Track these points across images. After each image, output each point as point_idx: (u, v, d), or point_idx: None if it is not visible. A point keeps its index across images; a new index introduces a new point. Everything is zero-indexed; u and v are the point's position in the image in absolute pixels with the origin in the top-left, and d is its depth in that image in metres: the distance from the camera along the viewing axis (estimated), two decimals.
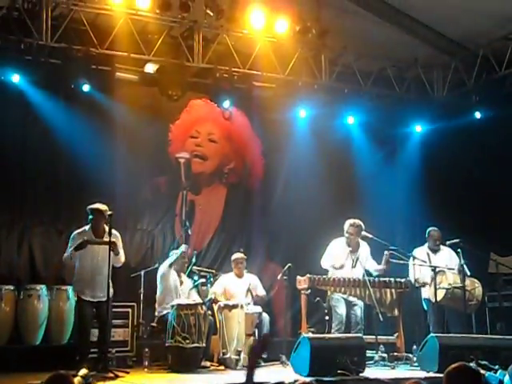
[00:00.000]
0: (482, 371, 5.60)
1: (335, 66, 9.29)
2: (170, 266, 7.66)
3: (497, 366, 5.92)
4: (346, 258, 7.96)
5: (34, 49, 7.62)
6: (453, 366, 3.14)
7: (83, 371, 5.88)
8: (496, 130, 9.02)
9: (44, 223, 8.35)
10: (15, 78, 7.90)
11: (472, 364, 5.73)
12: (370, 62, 9.36)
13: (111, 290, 6.70)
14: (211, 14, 8.02)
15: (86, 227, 6.91)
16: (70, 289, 7.71)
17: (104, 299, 6.61)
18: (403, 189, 10.00)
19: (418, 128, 10.11)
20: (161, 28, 8.18)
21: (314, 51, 8.96)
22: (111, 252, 6.63)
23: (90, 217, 6.88)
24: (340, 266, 7.91)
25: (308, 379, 3.29)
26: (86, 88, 8.10)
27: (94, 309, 6.80)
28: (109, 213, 6.77)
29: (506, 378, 3.79)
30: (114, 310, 7.27)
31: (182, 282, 7.76)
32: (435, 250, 8.14)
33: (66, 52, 7.68)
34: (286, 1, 8.26)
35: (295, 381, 3.30)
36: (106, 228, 6.83)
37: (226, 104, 9.09)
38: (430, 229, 8.22)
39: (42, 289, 7.64)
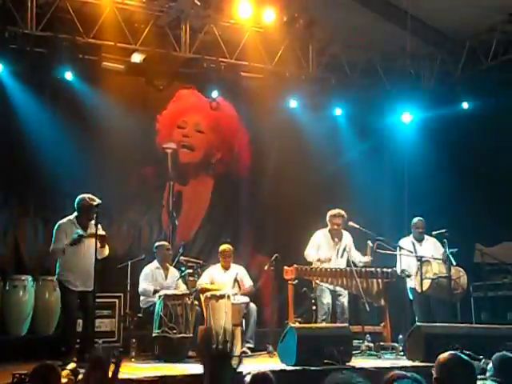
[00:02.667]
0: None
1: (322, 56, 9.29)
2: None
3: (481, 356, 5.97)
4: (329, 248, 8.00)
5: (18, 38, 7.54)
6: (445, 355, 3.12)
7: (72, 365, 5.85)
8: (483, 120, 9.07)
9: (29, 213, 8.30)
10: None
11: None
12: (358, 52, 9.36)
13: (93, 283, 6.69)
14: (198, 3, 7.99)
15: (71, 217, 6.80)
16: (55, 279, 7.68)
17: (89, 289, 6.60)
18: (390, 179, 10.05)
19: (406, 118, 10.13)
20: (148, 17, 8.14)
21: (302, 42, 8.95)
22: (98, 244, 6.61)
23: (78, 207, 6.78)
24: (326, 260, 7.93)
25: (265, 370, 3.27)
26: (71, 77, 8.03)
27: (78, 299, 6.76)
28: (96, 202, 6.70)
29: (489, 366, 3.82)
30: (100, 300, 7.29)
31: (166, 276, 7.72)
32: (420, 240, 8.19)
33: (52, 41, 7.62)
34: None
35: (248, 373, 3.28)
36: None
37: (214, 94, 9.05)
38: (414, 219, 8.27)
39: (28, 279, 7.62)
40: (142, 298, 7.68)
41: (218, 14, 8.22)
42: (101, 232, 6.71)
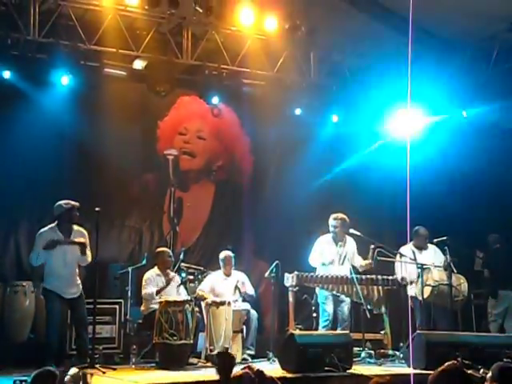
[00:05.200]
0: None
1: (324, 63, 9.31)
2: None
3: (480, 366, 5.96)
4: (332, 253, 8.00)
5: (21, 44, 7.58)
6: (444, 367, 3.11)
7: (73, 370, 5.84)
8: (484, 126, 9.08)
9: (30, 220, 8.30)
10: (5, 74, 7.77)
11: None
12: (358, 59, 9.37)
13: (80, 286, 6.77)
14: (200, 10, 8.03)
15: (53, 225, 6.80)
16: None
17: (76, 296, 6.67)
18: (390, 187, 10.03)
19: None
20: (149, 24, 8.17)
21: (303, 49, 8.98)
22: (78, 252, 6.68)
23: (56, 214, 6.78)
24: (330, 262, 7.93)
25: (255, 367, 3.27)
26: (72, 83, 8.04)
27: (68, 307, 6.79)
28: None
29: (489, 376, 3.81)
30: (101, 306, 7.28)
31: (168, 282, 7.71)
32: (421, 248, 8.19)
33: (54, 47, 7.64)
34: None
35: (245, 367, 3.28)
36: (75, 226, 6.82)
37: (215, 101, 9.06)
38: (418, 227, 8.25)
39: (29, 285, 7.61)
40: (143, 303, 7.67)
41: (219, 21, 8.25)
42: (81, 239, 6.75)
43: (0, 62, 7.71)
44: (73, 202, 6.76)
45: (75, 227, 6.84)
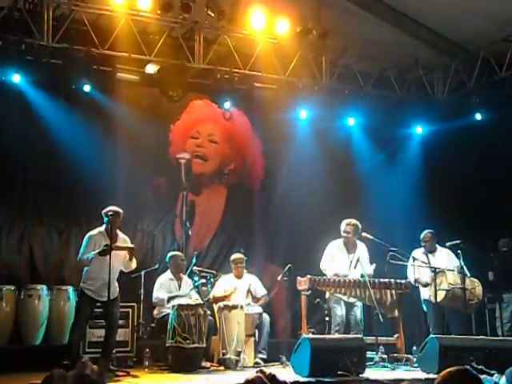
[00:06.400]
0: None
1: (336, 67, 9.31)
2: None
3: (493, 371, 5.91)
4: (343, 259, 7.97)
5: (35, 49, 7.63)
6: (451, 369, 3.10)
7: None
8: (496, 131, 9.03)
9: (44, 223, 8.36)
10: (16, 78, 7.87)
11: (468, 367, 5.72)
12: (371, 63, 9.37)
13: (117, 289, 6.84)
14: (212, 15, 8.03)
15: (101, 228, 6.88)
16: (70, 289, 7.75)
17: (113, 298, 6.72)
18: (404, 190, 10.00)
19: (419, 129, 10.11)
20: (162, 29, 8.19)
21: (315, 52, 8.97)
22: (126, 257, 6.79)
23: (106, 219, 6.82)
24: (344, 274, 7.89)
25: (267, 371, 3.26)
26: (86, 88, 8.10)
27: (102, 309, 6.87)
28: (110, 213, 6.77)
29: (503, 380, 3.79)
30: None
31: (180, 286, 7.73)
32: (432, 251, 8.16)
33: (67, 52, 7.70)
34: (286, 2, 8.27)
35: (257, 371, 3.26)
36: (119, 232, 6.91)
37: (227, 105, 9.08)
38: (424, 232, 8.22)
39: (43, 289, 7.66)
40: (155, 307, 7.69)
41: (231, 25, 8.25)
42: (129, 245, 6.86)
43: (14, 68, 7.78)
44: (117, 209, 6.83)
45: (120, 233, 6.93)
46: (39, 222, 8.34)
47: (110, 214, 6.77)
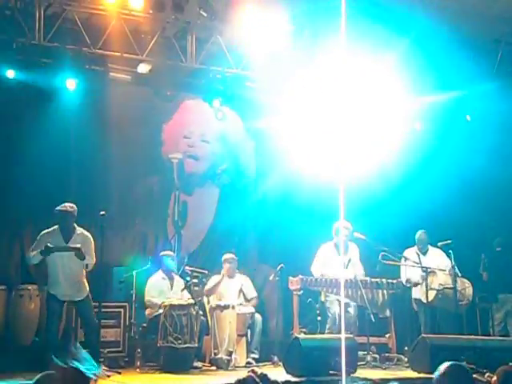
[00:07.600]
0: None
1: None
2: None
3: (485, 370, 5.94)
4: (335, 262, 7.96)
5: (26, 48, 7.60)
6: (445, 365, 3.15)
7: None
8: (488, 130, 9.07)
9: (35, 223, 8.32)
10: (9, 74, 7.78)
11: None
12: None
13: (87, 289, 6.74)
14: (205, 14, 8.02)
15: (55, 227, 6.81)
16: None
17: (80, 298, 6.67)
18: (395, 188, 10.00)
19: None
20: (154, 28, 8.18)
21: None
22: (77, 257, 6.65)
23: (58, 218, 6.76)
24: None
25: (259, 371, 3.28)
26: (77, 88, 8.06)
27: (75, 310, 6.81)
28: (101, 213, 6.75)
29: (494, 379, 3.80)
30: (106, 310, 7.28)
31: (172, 286, 7.73)
32: (424, 252, 8.19)
33: (59, 52, 7.67)
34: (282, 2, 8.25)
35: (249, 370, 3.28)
36: (78, 229, 6.79)
37: (219, 104, 9.08)
38: (418, 232, 8.25)
39: (34, 289, 7.62)
40: (147, 308, 7.67)
41: (224, 25, 8.25)
42: (77, 244, 6.67)
43: (6, 66, 7.73)
44: (65, 207, 6.72)
45: (78, 230, 6.81)
46: (30, 221, 8.30)
47: (56, 212, 6.69)
